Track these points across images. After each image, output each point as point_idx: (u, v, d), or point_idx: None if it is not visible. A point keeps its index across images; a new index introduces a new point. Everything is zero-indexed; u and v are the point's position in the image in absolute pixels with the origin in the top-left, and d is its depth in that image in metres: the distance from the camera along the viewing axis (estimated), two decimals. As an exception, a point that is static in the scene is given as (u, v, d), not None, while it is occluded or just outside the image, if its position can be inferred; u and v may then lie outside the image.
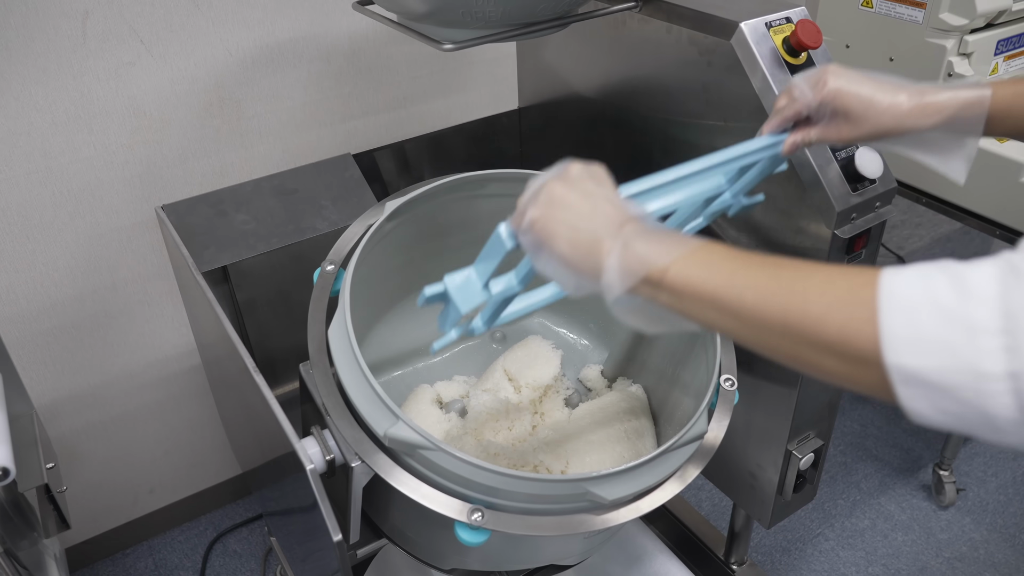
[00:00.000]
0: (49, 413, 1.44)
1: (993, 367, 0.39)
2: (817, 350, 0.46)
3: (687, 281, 0.51)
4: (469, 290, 0.67)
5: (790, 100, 0.75)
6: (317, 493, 0.77)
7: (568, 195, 0.58)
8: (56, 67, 1.20)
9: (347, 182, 1.32)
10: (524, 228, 0.59)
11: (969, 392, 0.40)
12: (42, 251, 1.31)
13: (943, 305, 0.41)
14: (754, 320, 0.49)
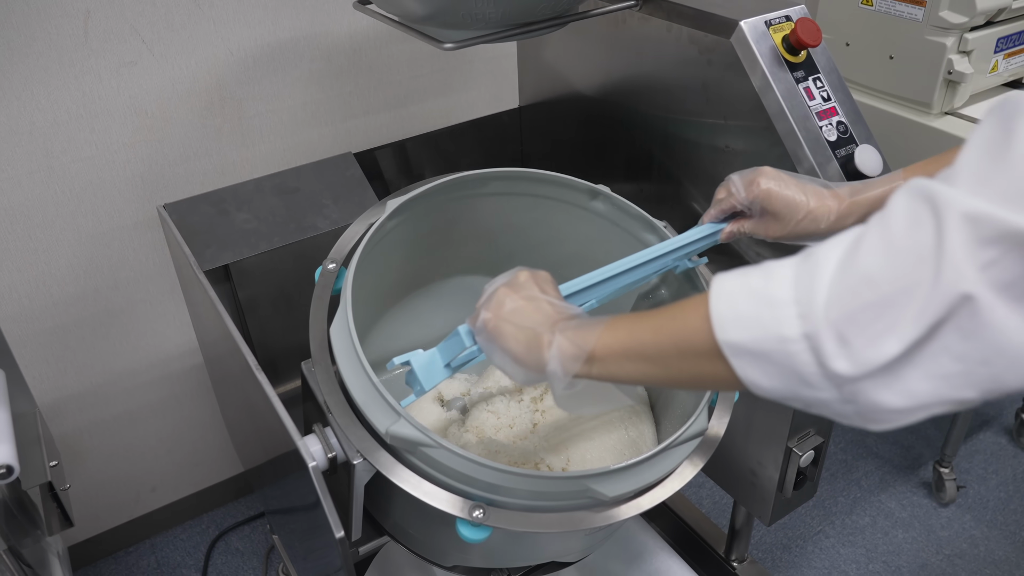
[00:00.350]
0: (51, 411, 1.45)
1: (791, 331, 0.47)
2: (698, 358, 0.54)
3: (608, 348, 0.61)
4: (432, 369, 0.77)
5: (727, 194, 0.82)
6: (319, 490, 0.78)
7: (514, 299, 0.68)
8: (57, 66, 1.20)
9: (348, 181, 1.33)
10: (478, 328, 0.69)
11: (780, 355, 0.48)
12: (44, 250, 1.31)
13: (753, 288, 0.50)
14: (655, 354, 0.58)
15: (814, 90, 0.94)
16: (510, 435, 0.99)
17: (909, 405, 0.45)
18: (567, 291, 0.80)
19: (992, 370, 0.42)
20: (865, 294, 0.44)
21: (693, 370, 0.55)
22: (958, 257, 0.41)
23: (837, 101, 0.95)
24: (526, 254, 1.12)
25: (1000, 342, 0.41)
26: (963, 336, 0.42)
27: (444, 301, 1.15)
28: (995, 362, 0.42)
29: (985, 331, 0.41)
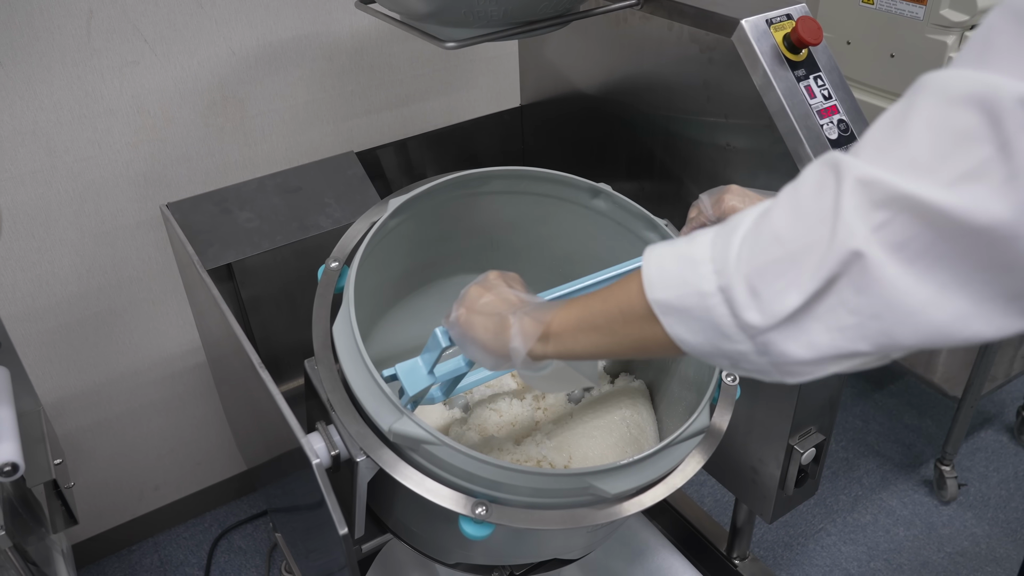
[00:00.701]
0: (55, 411, 1.45)
1: (709, 286, 0.51)
2: (639, 321, 0.58)
3: (564, 323, 0.65)
4: (416, 375, 0.81)
5: (697, 212, 0.84)
6: (323, 488, 0.78)
7: (484, 294, 0.73)
8: (60, 66, 1.20)
9: (350, 180, 1.33)
10: (452, 323, 0.74)
11: (700, 309, 0.52)
12: (47, 249, 1.32)
13: (679, 251, 0.55)
14: (604, 323, 0.62)
15: (815, 88, 0.94)
16: (512, 433, 0.99)
17: (813, 356, 0.49)
18: (547, 297, 0.82)
19: (883, 324, 0.46)
20: (773, 250, 0.48)
21: (636, 334, 0.59)
22: (851, 218, 0.44)
23: (838, 99, 0.95)
24: (528, 252, 1.12)
25: (889, 297, 0.44)
26: (856, 290, 0.45)
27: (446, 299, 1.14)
28: (885, 316, 0.45)
29: (875, 286, 0.45)
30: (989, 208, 0.41)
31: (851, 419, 1.98)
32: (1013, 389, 2.03)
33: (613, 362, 1.13)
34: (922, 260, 0.43)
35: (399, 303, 1.11)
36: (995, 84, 0.41)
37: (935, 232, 0.43)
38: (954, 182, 0.41)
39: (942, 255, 0.43)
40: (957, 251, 0.43)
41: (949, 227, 0.42)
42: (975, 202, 0.41)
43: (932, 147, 0.43)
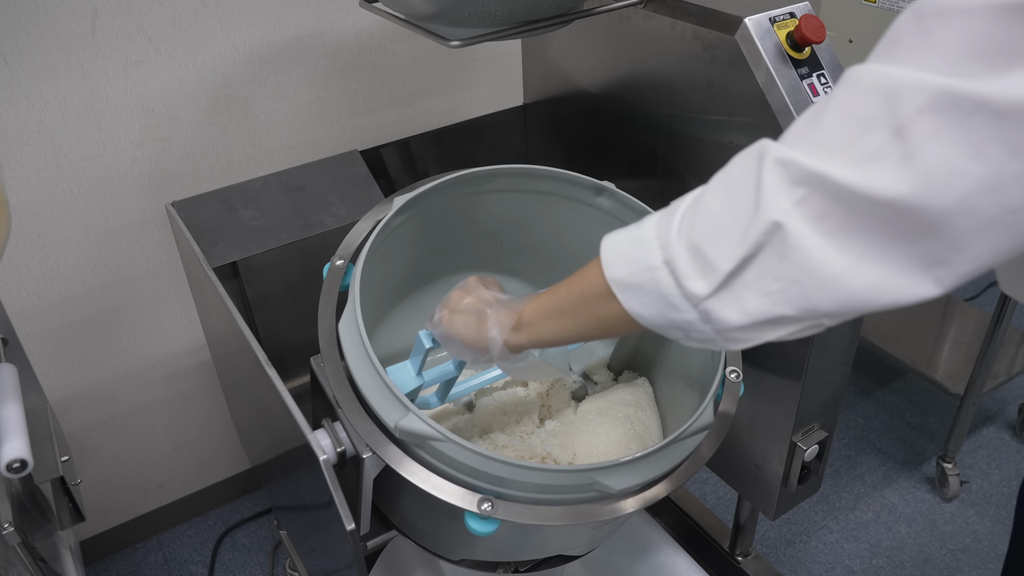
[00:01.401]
0: (60, 408, 1.46)
1: (656, 260, 0.56)
2: (599, 301, 0.62)
3: (535, 312, 0.71)
4: (405, 376, 0.85)
5: None
6: (330, 484, 0.78)
7: (465, 296, 0.79)
8: (65, 65, 1.21)
9: (354, 178, 1.33)
10: (435, 324, 0.79)
11: (650, 283, 0.57)
12: (52, 248, 1.32)
13: (631, 233, 0.60)
14: (569, 307, 0.67)
15: (818, 86, 0.95)
16: (517, 430, 0.99)
17: (747, 321, 0.53)
18: None
19: (802, 289, 0.51)
20: (707, 224, 0.54)
21: (597, 314, 0.64)
22: (773, 193, 0.50)
23: (841, 97, 0.95)
24: (531, 250, 1.13)
25: (808, 265, 0.50)
26: (779, 258, 0.50)
27: (450, 297, 1.15)
28: (804, 282, 0.50)
29: (795, 254, 0.50)
30: (889, 184, 0.46)
31: (853, 416, 1.99)
32: (1015, 386, 2.03)
33: (617, 359, 1.14)
34: (840, 232, 0.48)
35: (404, 300, 1.12)
36: (895, 75, 0.46)
37: (847, 207, 0.48)
38: (859, 162, 0.47)
39: (857, 228, 0.48)
40: (869, 224, 0.47)
41: (857, 202, 0.47)
42: (877, 179, 0.46)
43: (842, 132, 0.48)
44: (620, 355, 1.13)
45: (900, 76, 0.46)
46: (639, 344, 1.10)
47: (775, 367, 1.06)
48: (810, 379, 1.03)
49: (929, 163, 0.45)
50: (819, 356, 1.02)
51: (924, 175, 0.45)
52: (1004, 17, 0.43)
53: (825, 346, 1.01)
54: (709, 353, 0.94)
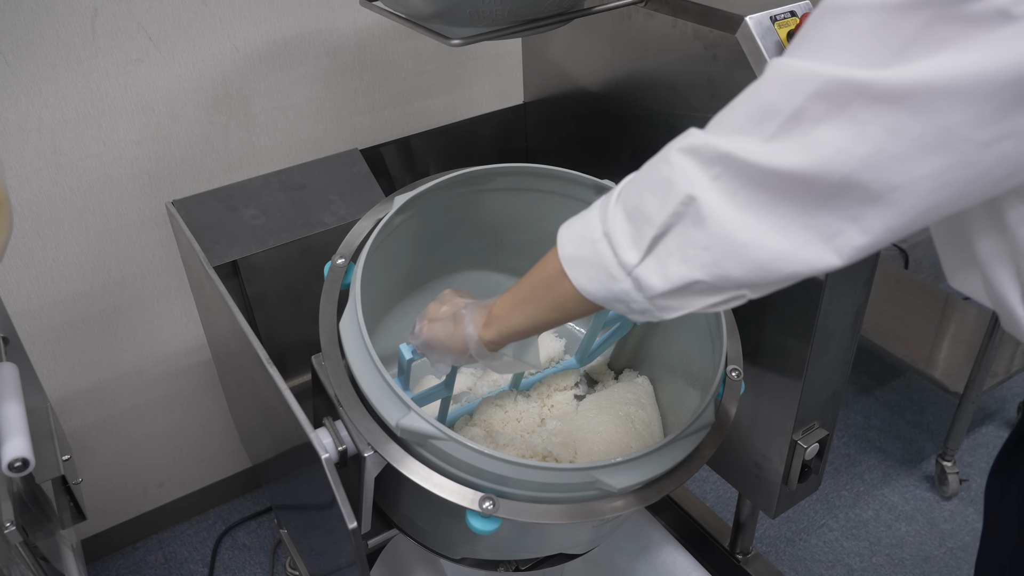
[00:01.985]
0: (60, 407, 1.46)
1: (596, 234, 0.62)
2: (554, 281, 0.67)
3: (503, 305, 0.76)
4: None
5: None
6: (332, 482, 0.78)
7: (440, 307, 0.83)
8: (65, 64, 1.21)
9: (354, 177, 1.33)
10: (415, 334, 0.83)
11: (593, 255, 0.63)
12: (53, 247, 1.32)
13: (581, 214, 0.66)
14: (530, 293, 0.72)
15: (819, 85, 0.95)
16: (518, 428, 0.99)
17: (669, 286, 0.59)
18: None
19: (714, 255, 0.56)
20: (636, 198, 0.60)
21: (552, 295, 0.68)
22: (691, 171, 0.56)
23: (841, 96, 0.95)
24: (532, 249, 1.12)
25: (719, 232, 0.55)
26: (695, 226, 0.56)
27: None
28: (715, 249, 0.56)
29: (708, 223, 0.55)
30: (788, 159, 0.51)
31: (853, 415, 1.99)
32: (1014, 385, 2.04)
33: (618, 358, 1.14)
34: (751, 206, 0.54)
35: (405, 299, 1.12)
36: (794, 66, 0.52)
37: (755, 182, 0.53)
38: (764, 141, 0.53)
39: (766, 203, 0.53)
40: (775, 197, 0.53)
41: (763, 176, 0.53)
42: (778, 155, 0.52)
43: (750, 116, 0.54)
44: (621, 354, 1.13)
45: (797, 67, 0.52)
46: (640, 343, 1.10)
47: (776, 366, 1.07)
48: (811, 378, 1.03)
49: (820, 143, 0.50)
50: (820, 355, 1.02)
51: (816, 153, 0.51)
52: (886, 15, 0.48)
53: (826, 345, 1.02)
54: (710, 352, 0.94)
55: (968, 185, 0.50)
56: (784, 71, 0.53)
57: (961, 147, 0.48)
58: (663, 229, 0.57)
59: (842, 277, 0.97)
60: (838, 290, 0.97)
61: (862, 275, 1.00)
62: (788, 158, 0.52)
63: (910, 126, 0.48)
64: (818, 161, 0.51)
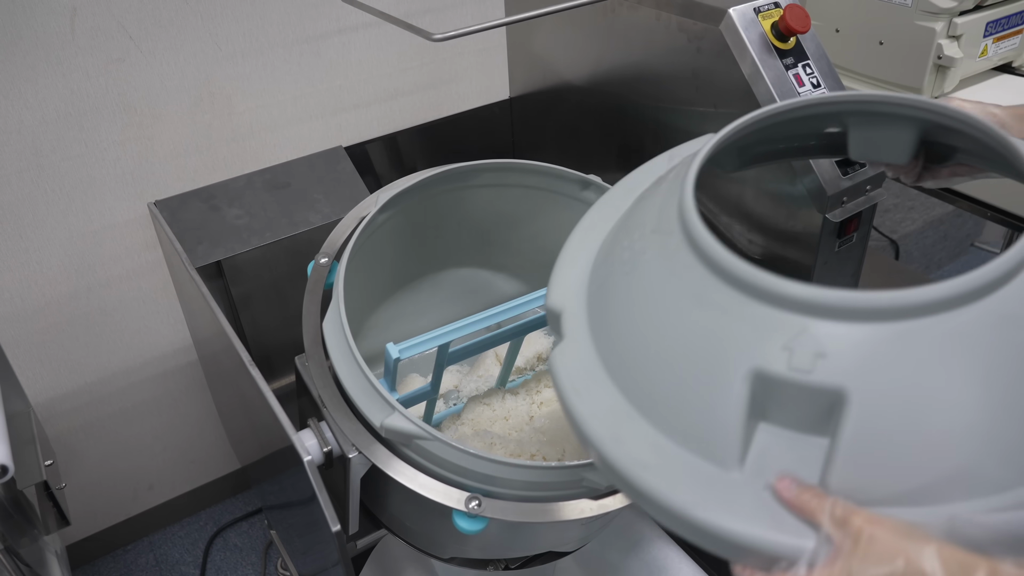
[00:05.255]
0: (46, 411, 1.45)
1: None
2: None
3: None
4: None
5: None
6: (315, 485, 0.78)
7: None
8: (44, 64, 1.19)
9: (339, 175, 1.32)
10: None
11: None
12: (35, 249, 1.31)
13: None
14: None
15: (804, 77, 0.94)
16: (506, 427, 0.99)
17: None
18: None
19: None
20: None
21: None
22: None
23: (827, 87, 0.95)
24: (519, 246, 1.12)
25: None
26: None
27: (437, 293, 1.15)
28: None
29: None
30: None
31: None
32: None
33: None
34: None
35: (390, 298, 1.11)
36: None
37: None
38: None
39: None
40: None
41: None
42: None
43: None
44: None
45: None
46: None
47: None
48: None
49: None
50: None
51: None
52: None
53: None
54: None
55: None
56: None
57: None
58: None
59: (830, 269, 0.97)
60: (826, 282, 0.97)
61: (850, 267, 1.00)
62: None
63: None
64: None
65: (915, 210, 2.30)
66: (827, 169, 0.92)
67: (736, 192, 1.03)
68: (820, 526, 0.46)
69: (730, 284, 0.52)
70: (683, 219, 0.57)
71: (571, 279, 0.68)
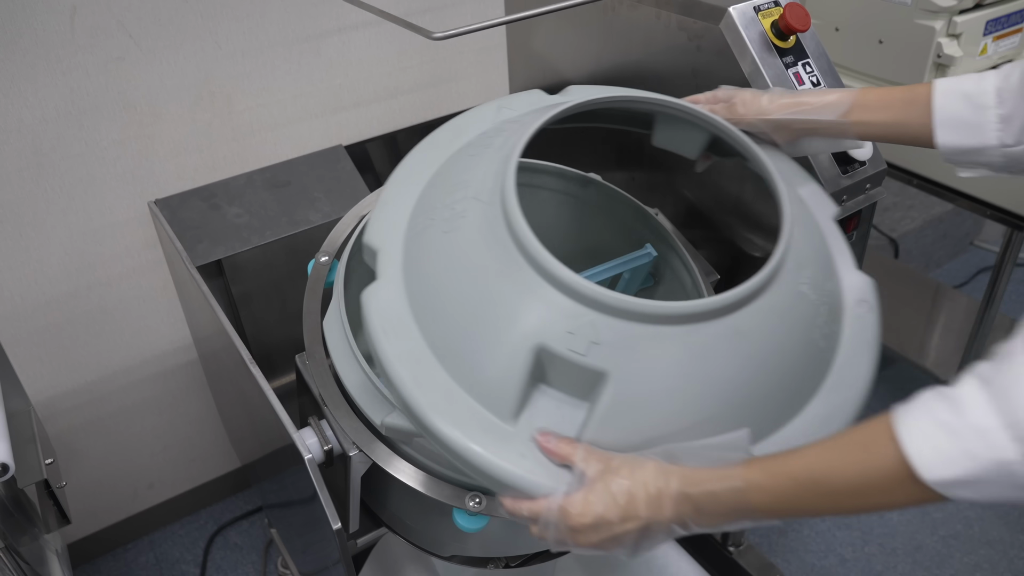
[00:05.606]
0: (47, 410, 1.45)
1: (1012, 455, 0.50)
2: (897, 493, 0.56)
3: (757, 499, 0.62)
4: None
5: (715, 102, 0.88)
6: (316, 483, 0.78)
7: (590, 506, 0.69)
8: (44, 63, 1.19)
9: (339, 173, 1.32)
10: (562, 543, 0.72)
11: (1000, 476, 0.51)
12: (35, 248, 1.31)
13: (949, 423, 0.53)
14: (832, 499, 0.58)
15: (804, 75, 0.94)
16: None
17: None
18: None
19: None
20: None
21: (875, 499, 0.57)
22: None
23: (827, 86, 0.95)
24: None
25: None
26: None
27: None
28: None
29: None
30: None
31: (844, 405, 1.99)
32: (1004, 373, 2.04)
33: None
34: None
35: (390, 297, 1.11)
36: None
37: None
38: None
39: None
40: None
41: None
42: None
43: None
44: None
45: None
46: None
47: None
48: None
49: None
50: (808, 346, 1.01)
51: None
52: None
53: (814, 336, 1.01)
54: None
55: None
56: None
57: None
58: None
59: (829, 268, 0.97)
60: (825, 281, 0.97)
61: (849, 266, 1.00)
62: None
63: None
64: None
65: (915, 208, 2.30)
66: (827, 168, 0.92)
67: (735, 190, 1.03)
68: (574, 465, 0.61)
69: (535, 269, 0.63)
70: (504, 200, 0.66)
71: (391, 219, 0.73)
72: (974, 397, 0.52)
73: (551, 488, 0.62)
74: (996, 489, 0.52)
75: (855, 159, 0.93)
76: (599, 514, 0.60)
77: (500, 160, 0.69)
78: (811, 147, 0.85)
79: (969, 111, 0.74)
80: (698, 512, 0.60)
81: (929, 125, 0.75)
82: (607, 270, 0.90)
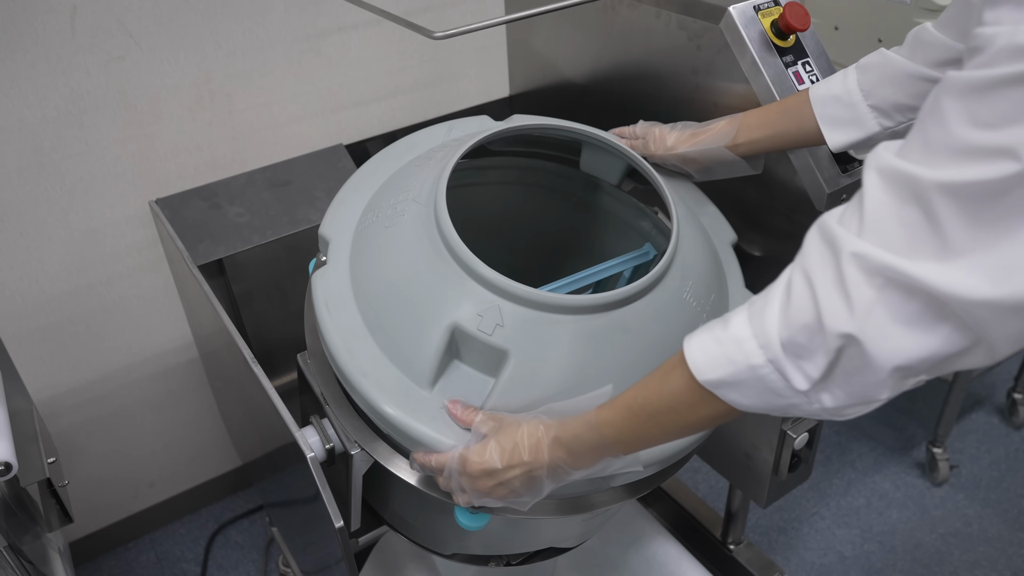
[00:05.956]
0: (48, 409, 1.45)
1: (758, 360, 0.57)
2: (697, 406, 0.62)
3: (608, 432, 0.69)
4: None
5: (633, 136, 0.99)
6: (318, 481, 0.78)
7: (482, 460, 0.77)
8: (45, 63, 1.19)
9: (340, 172, 1.33)
10: (466, 493, 0.78)
11: (753, 379, 0.58)
12: (36, 247, 1.31)
13: (717, 335, 0.60)
14: (654, 419, 0.65)
15: (803, 74, 0.94)
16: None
17: (841, 404, 0.56)
18: (550, 288, 0.87)
19: (877, 376, 0.53)
20: (800, 318, 0.54)
21: (688, 417, 0.64)
22: (855, 292, 0.51)
23: (826, 85, 0.95)
24: (519, 243, 1.12)
25: (882, 363, 0.51)
26: (855, 362, 0.53)
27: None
28: (878, 374, 0.52)
29: (869, 357, 0.51)
30: (964, 281, 0.47)
31: (843, 403, 1.99)
32: (1003, 371, 2.05)
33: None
34: (918, 323, 0.50)
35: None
36: None
37: (923, 300, 0.49)
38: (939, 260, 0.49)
39: (934, 319, 0.50)
40: (945, 315, 0.49)
41: (933, 296, 0.48)
42: (951, 277, 0.48)
43: (900, 235, 0.50)
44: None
45: None
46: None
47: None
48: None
49: None
50: (808, 344, 1.02)
51: None
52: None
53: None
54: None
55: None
56: None
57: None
58: (827, 368, 0.54)
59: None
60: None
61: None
62: (968, 280, 0.48)
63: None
64: None
65: (914, 207, 2.30)
66: (827, 167, 0.92)
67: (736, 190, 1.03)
68: (475, 427, 0.72)
69: (456, 261, 0.73)
70: (436, 202, 0.77)
71: (344, 214, 0.85)
72: (738, 315, 0.60)
73: (454, 445, 0.72)
74: (754, 393, 0.58)
75: (855, 158, 0.93)
76: (490, 461, 0.70)
77: (438, 169, 0.80)
78: (718, 173, 0.94)
79: (844, 110, 0.82)
80: (570, 454, 0.69)
81: (805, 129, 0.84)
82: (607, 269, 0.91)
